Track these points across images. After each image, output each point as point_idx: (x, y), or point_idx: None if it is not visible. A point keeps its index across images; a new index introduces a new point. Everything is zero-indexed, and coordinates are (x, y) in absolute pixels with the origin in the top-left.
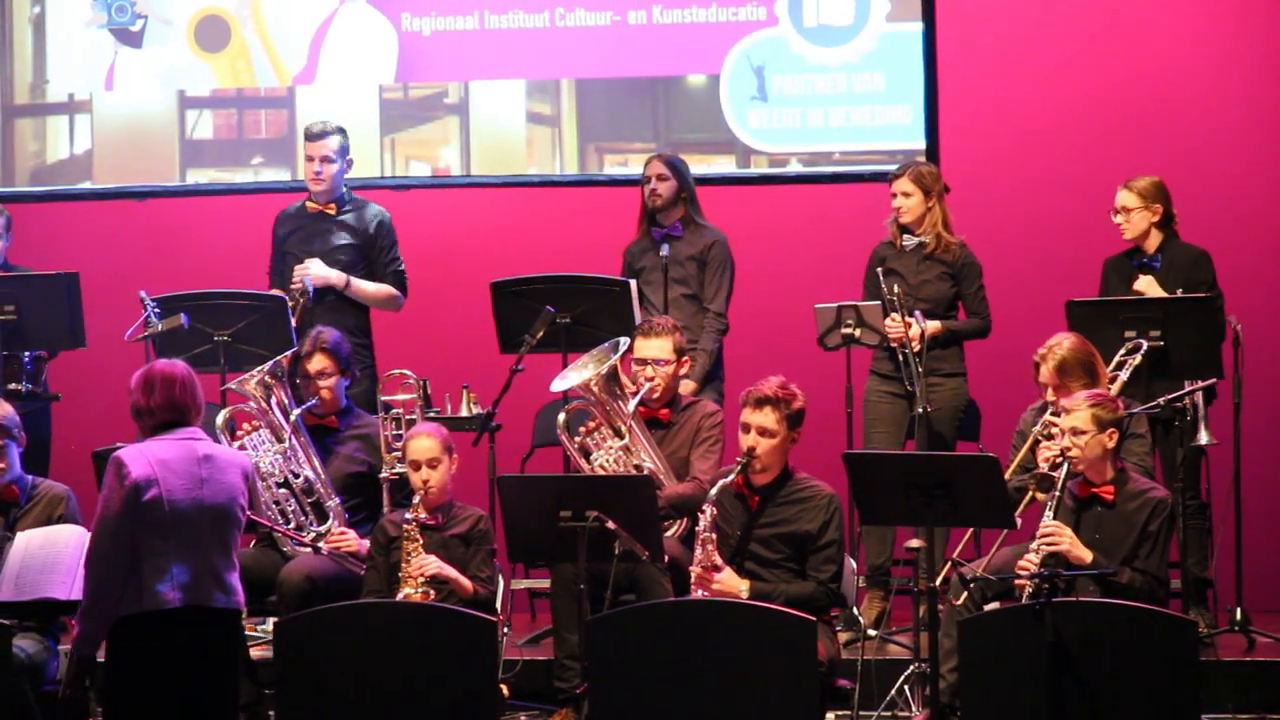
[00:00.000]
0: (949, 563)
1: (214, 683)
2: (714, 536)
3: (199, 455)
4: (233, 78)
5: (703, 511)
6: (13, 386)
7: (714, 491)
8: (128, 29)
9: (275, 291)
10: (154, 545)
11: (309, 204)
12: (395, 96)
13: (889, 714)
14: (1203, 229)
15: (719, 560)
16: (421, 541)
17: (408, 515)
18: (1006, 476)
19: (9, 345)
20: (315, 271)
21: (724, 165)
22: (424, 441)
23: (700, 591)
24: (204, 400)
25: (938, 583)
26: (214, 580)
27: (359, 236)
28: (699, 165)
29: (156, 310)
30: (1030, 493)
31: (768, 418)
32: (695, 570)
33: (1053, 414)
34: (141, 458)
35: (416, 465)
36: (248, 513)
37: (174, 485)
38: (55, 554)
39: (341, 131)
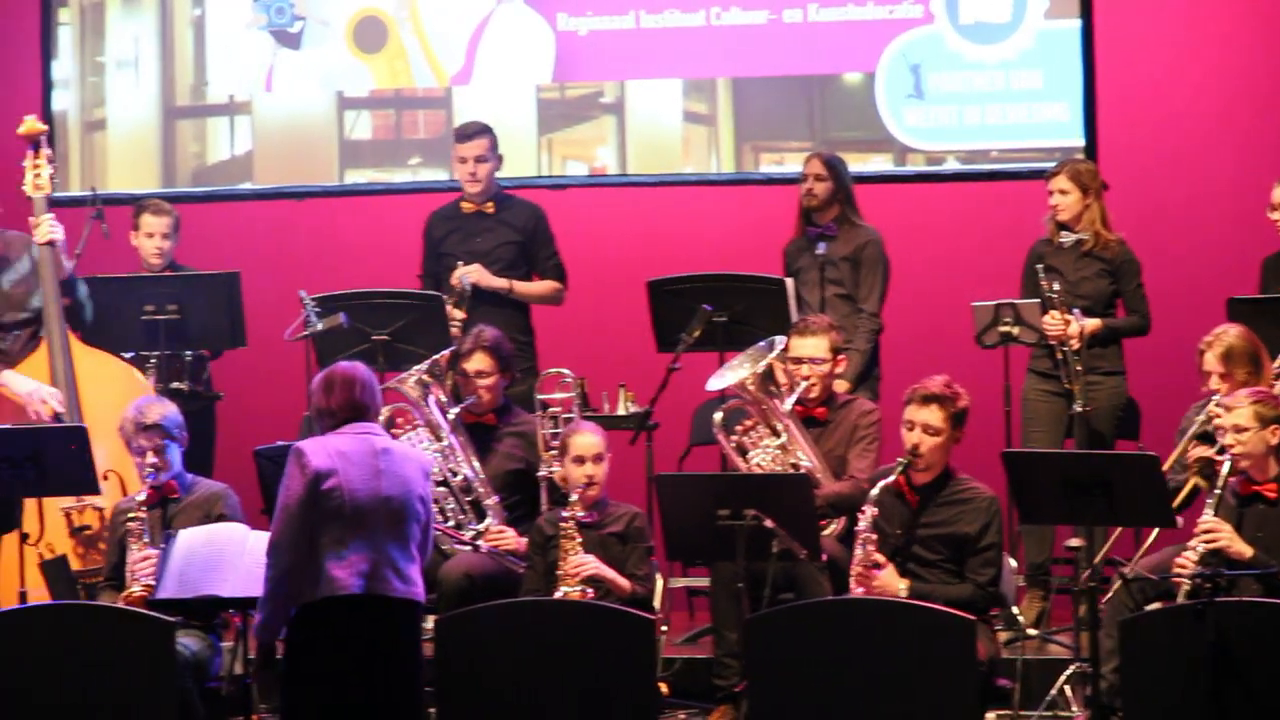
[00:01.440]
0: (1108, 562)
1: (396, 672)
2: (874, 536)
3: (377, 449)
4: (390, 78)
5: (863, 511)
6: (176, 386)
7: (875, 491)
8: (286, 30)
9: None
10: (333, 533)
11: (464, 204)
12: (552, 96)
13: (1050, 714)
14: None
15: (879, 559)
16: (579, 540)
17: (564, 513)
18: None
19: (172, 345)
20: (479, 279)
21: (880, 163)
22: (587, 438)
23: (859, 590)
24: (383, 400)
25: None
26: (392, 570)
27: (519, 233)
28: (855, 163)
29: (316, 310)
30: (1191, 480)
31: (934, 415)
32: (855, 569)
33: (1216, 404)
34: (321, 449)
35: (580, 460)
36: (429, 508)
37: (352, 476)
38: (218, 551)
39: (489, 130)
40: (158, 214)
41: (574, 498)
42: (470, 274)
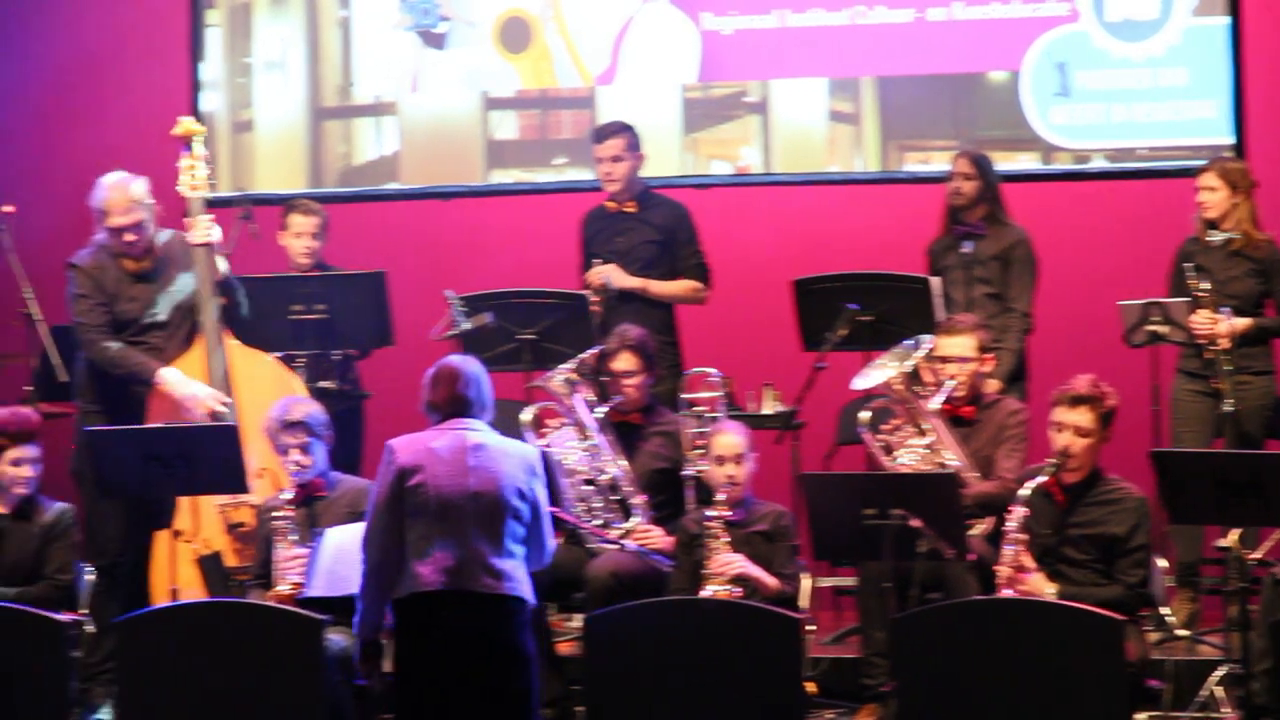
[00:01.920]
0: (1260, 563)
1: (494, 669)
2: (1024, 537)
3: (469, 444)
4: (535, 78)
5: (1011, 510)
6: (324, 385)
7: (1026, 491)
8: (432, 31)
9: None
10: (419, 530)
11: (608, 204)
12: (696, 96)
13: (1201, 715)
14: None
15: (1028, 562)
16: (725, 539)
17: (710, 512)
18: None
19: (321, 344)
20: (613, 279)
21: (1026, 162)
22: (728, 438)
23: (1007, 593)
24: (491, 395)
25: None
26: (481, 566)
27: (660, 232)
28: (1001, 162)
29: (463, 309)
30: None
31: (1083, 416)
32: (1003, 570)
33: None
34: (410, 445)
35: (721, 461)
36: (535, 504)
37: (440, 472)
38: None
39: (626, 129)
40: (306, 214)
41: (720, 496)
42: (603, 274)
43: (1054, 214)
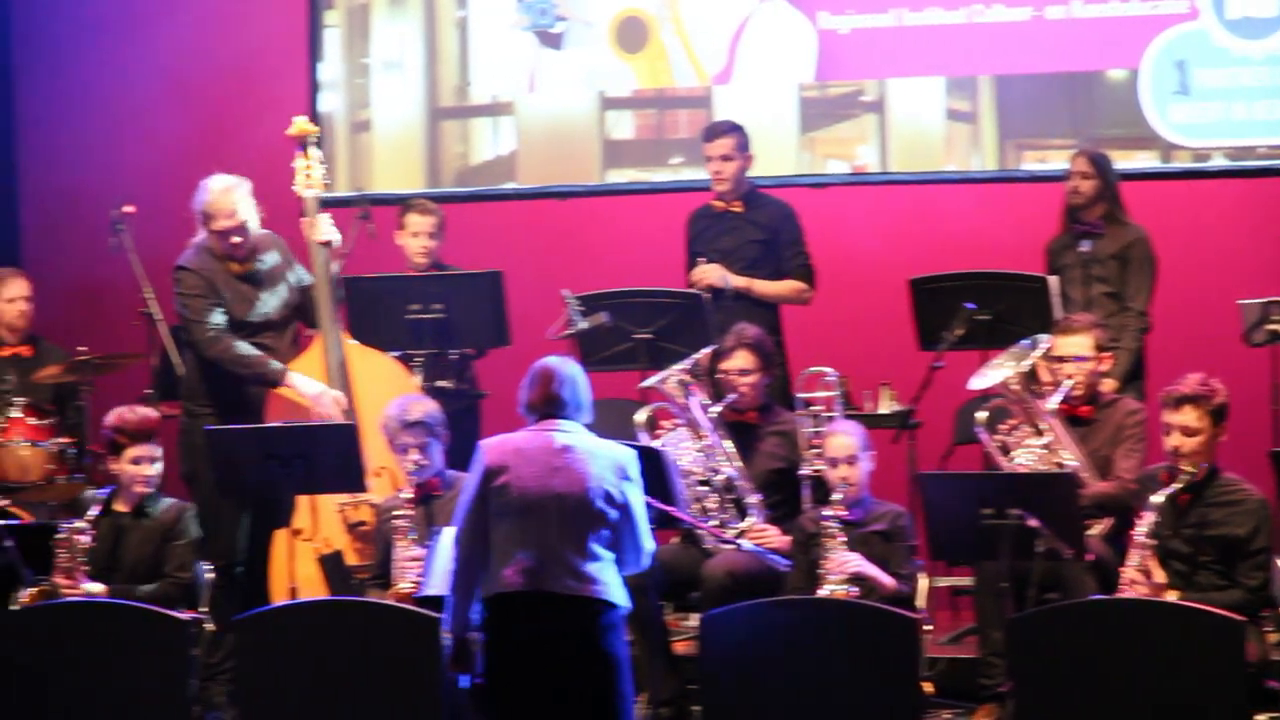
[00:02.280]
0: None
1: (577, 671)
2: (1152, 543)
3: (556, 445)
4: (652, 78)
5: (1141, 515)
6: (441, 384)
7: (1159, 499)
8: (549, 31)
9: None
10: (503, 530)
11: (715, 203)
12: (813, 95)
13: None
14: None
15: (1155, 567)
16: (842, 538)
17: (826, 512)
18: None
19: (438, 343)
20: (716, 279)
21: (1145, 160)
22: (841, 439)
23: (1127, 593)
24: (588, 397)
25: None
26: (563, 567)
27: (765, 232)
28: (1120, 161)
29: (579, 309)
30: None
31: (1188, 416)
32: (1127, 574)
33: None
34: (497, 446)
35: (835, 463)
36: (625, 506)
37: (525, 473)
38: None
39: (737, 128)
40: (423, 213)
41: (836, 496)
42: (708, 274)
43: (1173, 213)
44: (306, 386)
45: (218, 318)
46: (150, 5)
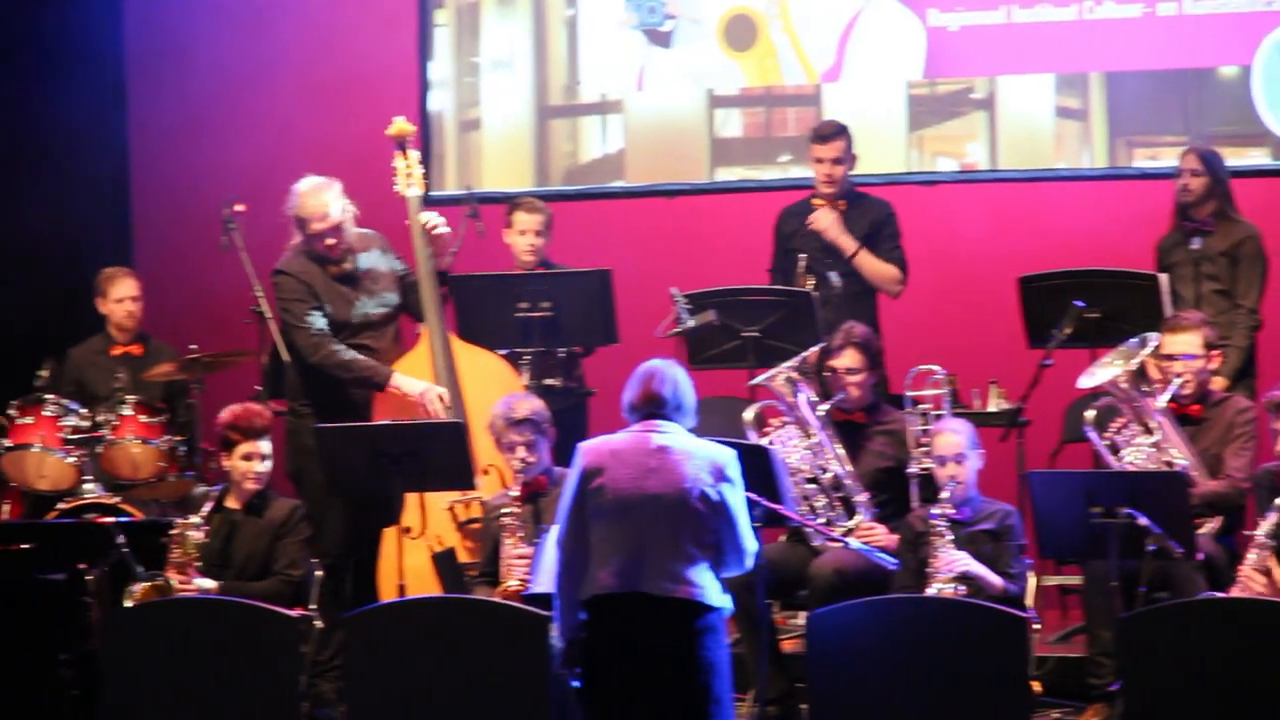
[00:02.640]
0: None
1: (671, 674)
2: (1272, 544)
3: (652, 447)
4: (760, 76)
5: (1265, 516)
6: (549, 382)
7: None
8: (658, 30)
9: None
10: (600, 531)
11: (815, 201)
12: (922, 93)
13: None
14: None
15: (1275, 567)
16: (951, 537)
17: (935, 511)
18: None
19: (546, 341)
20: (830, 228)
21: (1257, 158)
22: (948, 438)
23: (1240, 592)
24: (691, 398)
25: None
26: (659, 569)
27: (864, 230)
28: (1231, 158)
29: (687, 307)
30: None
31: None
32: (1246, 573)
33: None
34: (595, 447)
35: (943, 461)
36: (722, 507)
37: (620, 475)
38: None
39: (846, 130)
40: (531, 211)
41: (945, 495)
42: (821, 220)
43: None
44: (411, 386)
45: (319, 321)
46: (262, 5)
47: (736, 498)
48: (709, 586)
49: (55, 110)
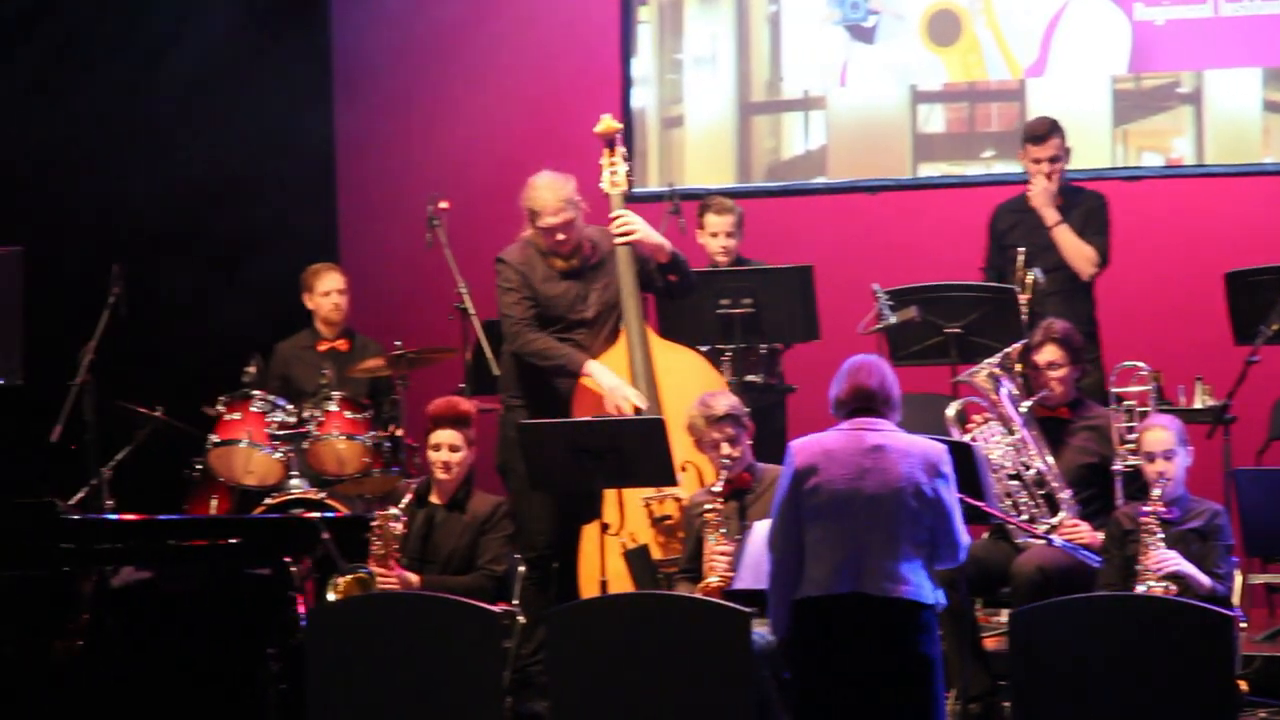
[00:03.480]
0: None
1: (888, 674)
2: None
3: (866, 445)
4: (964, 71)
5: None
6: (750, 379)
7: None
8: (861, 25)
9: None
10: (814, 531)
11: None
12: (1127, 87)
13: None
14: None
15: None
16: (1160, 535)
17: (1145, 508)
18: None
19: (746, 338)
20: (1043, 205)
21: None
22: (1157, 434)
23: None
24: (898, 394)
25: None
26: (875, 568)
27: (1079, 222)
28: None
29: (889, 303)
30: None
31: None
32: None
33: None
34: (807, 446)
35: (1151, 457)
36: (938, 504)
37: (834, 474)
38: None
39: (1061, 128)
40: (721, 213)
41: (1155, 492)
42: (1036, 197)
43: None
44: (605, 378)
45: (521, 310)
46: (465, 4)
47: (951, 493)
48: (925, 584)
49: (263, 108)
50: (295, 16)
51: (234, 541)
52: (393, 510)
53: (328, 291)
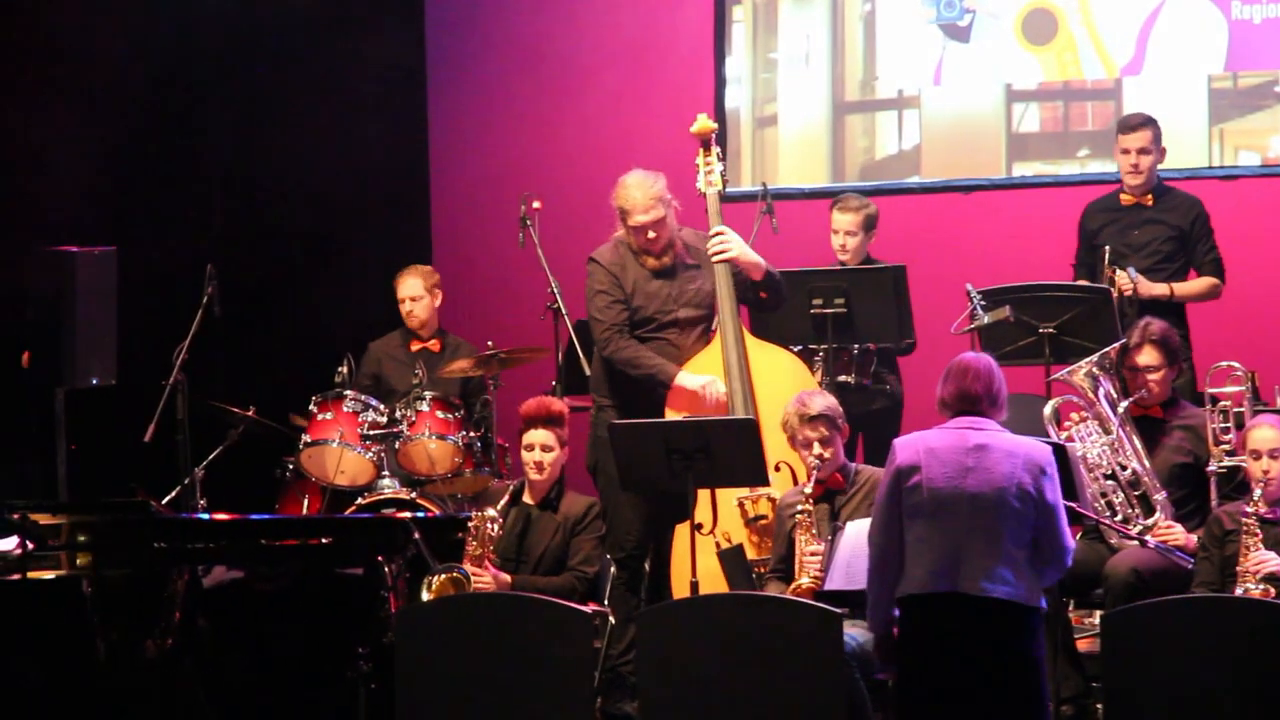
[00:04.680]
0: None
1: (990, 674)
2: None
3: (970, 444)
4: (1059, 70)
5: None
6: (843, 379)
7: None
8: (956, 24)
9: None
10: (916, 530)
11: (1123, 196)
12: (1224, 86)
13: None
14: None
15: None
16: (1260, 536)
17: (1247, 509)
18: None
19: (839, 338)
20: (1142, 288)
21: None
22: (1264, 431)
23: None
24: (1003, 392)
25: None
26: (977, 568)
27: (1176, 228)
28: None
29: (983, 303)
30: None
31: None
32: None
33: None
34: (910, 445)
35: (1257, 455)
36: (1043, 505)
37: (936, 473)
38: None
39: (1154, 121)
40: (843, 211)
41: (1257, 492)
42: (1130, 284)
43: None
44: (693, 382)
45: (613, 314)
46: (558, 4)
47: (1056, 494)
48: (1027, 586)
49: (356, 108)
50: (389, 16)
51: (325, 541)
52: (490, 511)
53: (403, 299)
